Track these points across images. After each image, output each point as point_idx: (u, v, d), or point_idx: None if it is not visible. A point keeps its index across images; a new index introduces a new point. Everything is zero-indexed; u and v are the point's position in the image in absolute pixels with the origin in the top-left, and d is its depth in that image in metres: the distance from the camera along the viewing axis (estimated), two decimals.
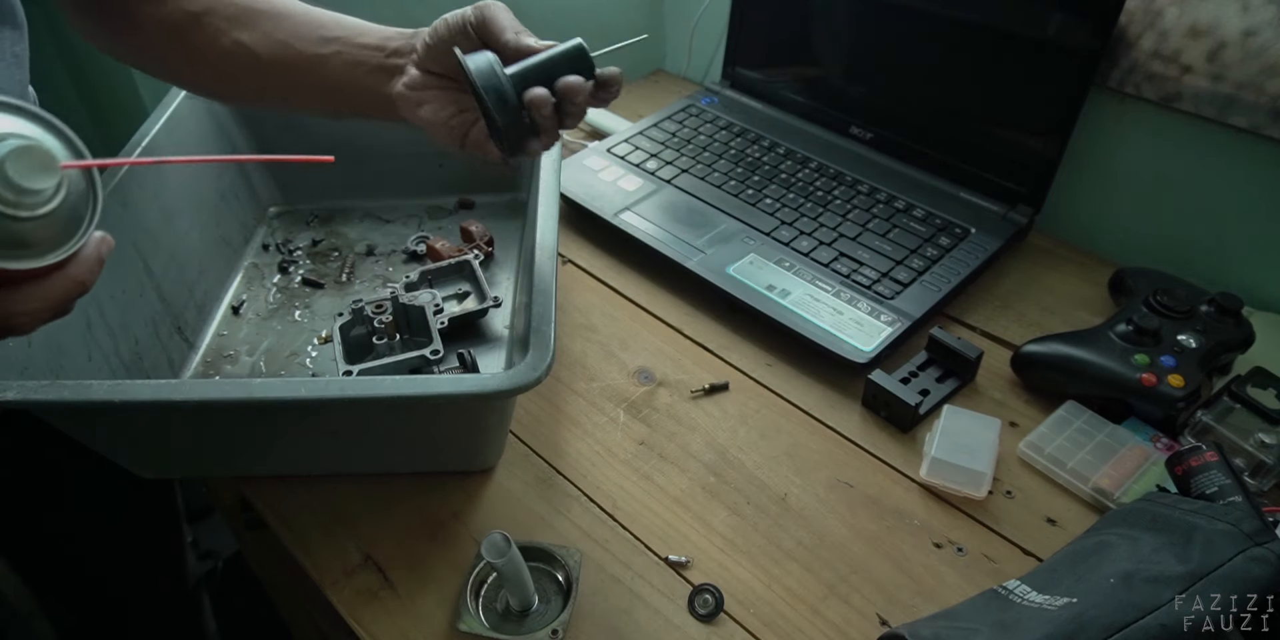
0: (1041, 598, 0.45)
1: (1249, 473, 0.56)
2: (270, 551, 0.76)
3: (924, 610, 0.52)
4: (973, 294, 0.74)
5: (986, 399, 0.65)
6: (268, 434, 0.57)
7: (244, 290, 0.77)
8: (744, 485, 0.60)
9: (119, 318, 0.61)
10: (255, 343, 0.71)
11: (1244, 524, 0.44)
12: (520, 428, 0.64)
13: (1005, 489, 0.59)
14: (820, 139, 0.87)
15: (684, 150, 0.87)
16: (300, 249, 0.81)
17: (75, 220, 0.35)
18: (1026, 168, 0.75)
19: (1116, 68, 0.70)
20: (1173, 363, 0.60)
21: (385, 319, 0.63)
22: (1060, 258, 0.78)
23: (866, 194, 0.80)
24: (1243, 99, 0.64)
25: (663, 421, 0.64)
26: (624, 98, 1.04)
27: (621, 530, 0.57)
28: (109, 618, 0.84)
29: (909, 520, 0.57)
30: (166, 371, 0.66)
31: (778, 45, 0.91)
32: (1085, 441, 0.59)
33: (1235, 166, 0.68)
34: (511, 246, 0.80)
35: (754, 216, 0.78)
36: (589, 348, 0.71)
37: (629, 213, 0.80)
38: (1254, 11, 0.61)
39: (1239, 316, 0.63)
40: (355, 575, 0.55)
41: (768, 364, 0.69)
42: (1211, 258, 0.73)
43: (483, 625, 0.51)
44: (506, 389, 0.47)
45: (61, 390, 0.47)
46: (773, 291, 0.70)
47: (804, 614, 0.52)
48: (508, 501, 0.59)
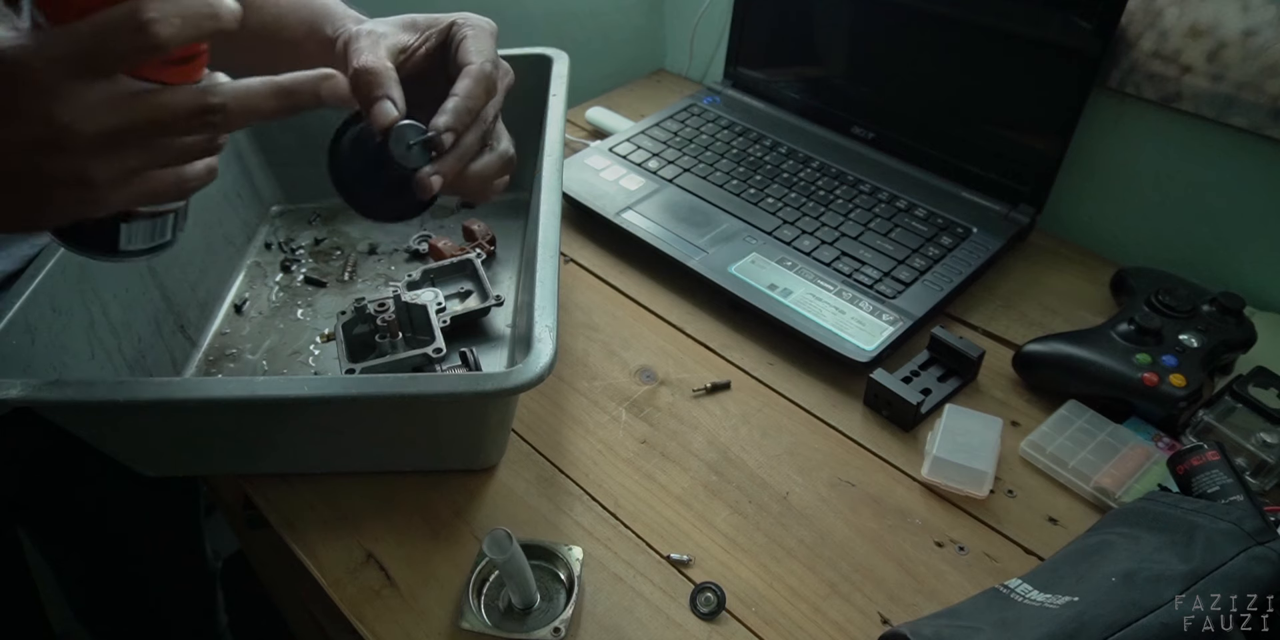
0: (1043, 596, 0.45)
1: (1250, 472, 0.56)
2: (272, 550, 0.76)
3: (925, 609, 0.52)
4: (974, 293, 0.74)
5: (988, 398, 0.65)
6: (270, 432, 0.57)
7: (246, 289, 0.77)
8: (746, 484, 0.60)
9: (122, 316, 0.61)
10: (258, 341, 0.71)
11: (1245, 523, 0.44)
12: (522, 426, 0.64)
13: (1007, 488, 0.59)
14: (822, 138, 0.88)
15: (686, 150, 0.87)
16: (303, 248, 0.81)
17: None
18: (1028, 167, 0.75)
19: (1117, 68, 0.70)
20: (1174, 362, 0.60)
21: (388, 317, 0.63)
22: (1062, 257, 0.78)
23: (868, 193, 0.80)
24: (1243, 99, 0.64)
25: (665, 420, 0.64)
26: (626, 97, 1.05)
27: (623, 529, 0.57)
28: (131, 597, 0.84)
29: (911, 519, 0.57)
30: (169, 370, 0.66)
31: (780, 45, 0.91)
32: (1087, 441, 0.59)
33: (1235, 166, 0.68)
34: (514, 245, 0.80)
35: (756, 216, 0.78)
36: (591, 347, 0.71)
37: (631, 212, 0.80)
38: (1254, 11, 0.61)
39: (1241, 316, 0.63)
40: (357, 573, 0.55)
41: (769, 363, 0.69)
42: (1213, 257, 0.73)
43: (485, 623, 0.51)
44: (508, 387, 0.47)
45: (64, 388, 0.47)
46: (775, 290, 0.70)
47: (806, 613, 0.52)
48: (510, 500, 0.59)
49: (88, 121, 0.32)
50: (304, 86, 0.38)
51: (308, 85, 0.38)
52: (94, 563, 0.80)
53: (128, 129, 0.33)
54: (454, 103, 0.44)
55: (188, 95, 0.35)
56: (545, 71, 0.71)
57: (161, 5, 0.32)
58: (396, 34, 0.47)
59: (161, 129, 0.35)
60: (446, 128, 0.43)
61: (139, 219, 0.41)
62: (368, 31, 0.46)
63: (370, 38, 0.45)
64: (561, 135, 0.65)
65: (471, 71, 0.45)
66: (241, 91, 0.36)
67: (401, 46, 0.46)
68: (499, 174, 0.48)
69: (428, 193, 0.43)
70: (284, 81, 0.37)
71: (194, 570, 0.89)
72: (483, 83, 0.45)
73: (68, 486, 0.72)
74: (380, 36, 0.46)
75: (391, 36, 0.46)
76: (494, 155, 0.47)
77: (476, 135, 0.45)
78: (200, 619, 0.92)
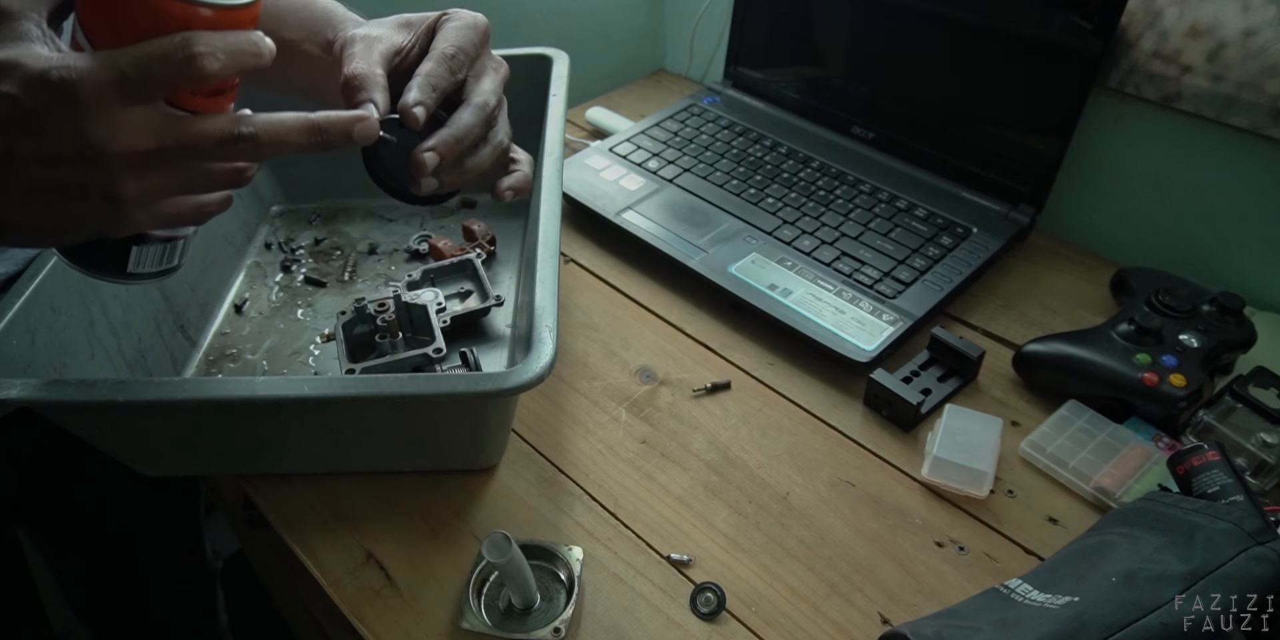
0: (1043, 596, 0.45)
1: (1251, 472, 0.56)
2: (272, 550, 0.76)
3: (925, 609, 0.52)
4: (974, 293, 0.74)
5: (988, 398, 0.65)
6: (270, 432, 0.57)
7: (246, 289, 0.77)
8: (746, 484, 0.60)
9: (121, 316, 0.61)
10: (258, 341, 0.71)
11: (1246, 523, 0.44)
12: (522, 426, 0.64)
13: (1007, 488, 0.59)
14: (822, 138, 0.88)
15: (686, 150, 0.87)
16: (303, 248, 0.81)
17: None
18: (1028, 167, 0.75)
19: (1117, 68, 0.70)
20: (1174, 362, 0.60)
21: (388, 317, 0.63)
22: (1062, 257, 0.78)
23: (868, 193, 0.80)
24: (1243, 99, 0.64)
25: (665, 420, 0.64)
26: (626, 97, 1.05)
27: (624, 529, 0.57)
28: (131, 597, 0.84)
29: (911, 519, 0.57)
30: (169, 370, 0.66)
31: (780, 45, 0.91)
32: (1087, 441, 0.59)
33: (1235, 166, 0.68)
34: (514, 245, 0.80)
35: (756, 216, 0.78)
36: (591, 347, 0.71)
37: (631, 212, 0.80)
38: (1254, 11, 0.61)
39: (1241, 316, 0.63)
40: (357, 573, 0.55)
41: (769, 363, 0.69)
42: (1213, 257, 0.73)
43: (485, 623, 0.51)
44: (509, 387, 0.47)
45: (64, 388, 0.47)
46: (775, 290, 0.70)
47: (806, 613, 0.52)
48: (510, 500, 0.59)
49: (122, 142, 0.34)
50: (336, 126, 0.39)
51: (340, 125, 0.39)
52: (94, 563, 0.80)
53: (160, 152, 0.35)
54: (416, 80, 0.44)
55: (220, 123, 0.36)
56: (545, 71, 0.71)
57: (209, 39, 0.34)
58: (390, 36, 0.47)
59: (193, 154, 0.36)
60: (416, 102, 0.43)
61: (151, 243, 0.43)
62: (361, 36, 0.46)
63: (364, 43, 0.46)
64: (561, 135, 0.65)
65: (434, 55, 0.45)
66: (274, 124, 0.37)
67: (395, 49, 0.47)
68: (495, 164, 0.48)
69: (422, 171, 0.43)
70: (317, 119, 0.38)
71: (194, 570, 0.89)
72: (445, 63, 0.45)
73: (68, 486, 0.72)
74: (374, 41, 0.46)
75: (385, 40, 0.46)
76: (490, 147, 0.47)
77: (477, 119, 0.45)
78: (200, 619, 0.92)
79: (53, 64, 0.33)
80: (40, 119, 0.33)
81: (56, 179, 0.34)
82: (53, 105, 0.33)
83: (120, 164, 0.34)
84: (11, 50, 0.34)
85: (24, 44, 0.34)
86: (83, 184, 0.35)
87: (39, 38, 0.35)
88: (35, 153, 0.34)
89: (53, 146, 0.34)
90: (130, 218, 0.37)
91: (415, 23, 0.48)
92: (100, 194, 0.35)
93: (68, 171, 0.34)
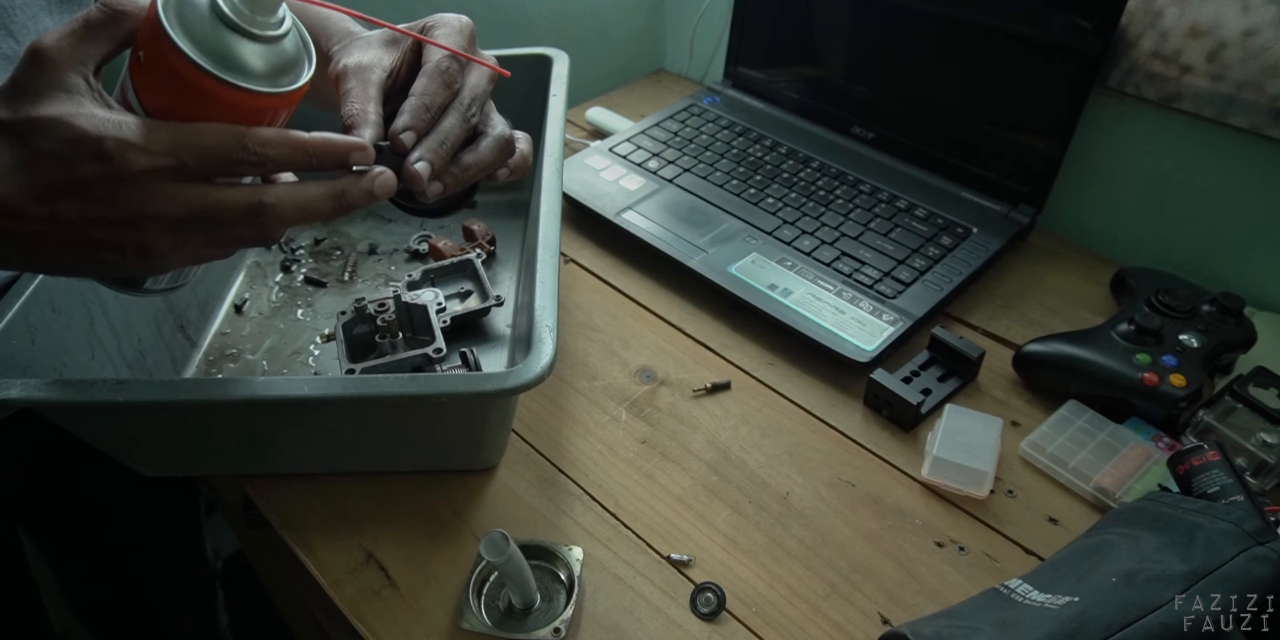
0: (1043, 597, 0.45)
1: (1251, 472, 0.56)
2: (272, 550, 0.76)
3: (925, 609, 0.52)
4: (974, 293, 0.74)
5: (988, 398, 0.65)
6: (270, 432, 0.57)
7: (246, 289, 0.77)
8: (746, 484, 0.60)
9: (121, 316, 0.61)
10: (258, 341, 0.71)
11: (1246, 523, 0.44)
12: (522, 426, 0.64)
13: (1007, 488, 0.59)
14: (822, 139, 0.88)
15: (686, 150, 0.87)
16: (302, 248, 0.81)
17: (298, 61, 0.39)
18: (1028, 167, 0.75)
19: (1117, 68, 0.70)
20: (1174, 362, 0.60)
21: (388, 318, 0.63)
22: (1062, 257, 0.78)
23: (868, 194, 0.80)
24: (1243, 99, 0.64)
25: (665, 420, 0.64)
26: (626, 97, 1.05)
27: (624, 529, 0.57)
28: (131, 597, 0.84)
29: (911, 519, 0.57)
30: (169, 370, 0.66)
31: (780, 45, 0.91)
32: (1087, 441, 0.59)
33: (1235, 166, 0.68)
34: (514, 245, 0.80)
35: (756, 216, 0.78)
36: (591, 347, 0.71)
37: (631, 212, 0.80)
38: (1254, 11, 0.61)
39: (1241, 316, 0.63)
40: (357, 573, 0.55)
41: (769, 363, 0.69)
42: (1213, 257, 0.73)
43: (485, 623, 0.51)
44: (509, 388, 0.47)
45: (64, 388, 0.47)
46: (775, 291, 0.70)
47: (806, 613, 0.52)
48: (510, 500, 0.59)
49: (158, 208, 0.36)
50: (355, 187, 0.40)
51: (361, 187, 0.41)
52: (94, 563, 0.80)
53: (188, 218, 0.37)
54: (409, 103, 0.44)
55: (243, 195, 0.38)
56: (545, 71, 0.71)
57: (267, 138, 0.37)
58: (381, 59, 0.47)
59: (218, 222, 0.38)
60: (404, 128, 0.43)
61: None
62: (354, 68, 0.46)
63: (359, 77, 0.46)
64: (561, 135, 0.65)
65: (427, 70, 0.45)
66: (298, 195, 0.39)
67: (388, 70, 0.47)
68: (499, 155, 0.48)
69: (418, 182, 0.43)
70: (337, 186, 0.40)
71: (194, 570, 0.89)
72: (438, 78, 0.45)
73: (69, 487, 0.72)
74: (367, 72, 0.46)
75: (377, 68, 0.46)
76: (490, 139, 0.47)
77: (455, 119, 0.45)
78: (200, 619, 0.92)
79: (107, 132, 0.34)
80: (89, 188, 0.35)
81: (95, 236, 0.36)
82: (104, 177, 0.35)
83: (157, 227, 0.37)
84: (61, 106, 0.35)
85: (74, 99, 0.35)
86: (118, 241, 0.37)
87: (86, 91, 0.36)
88: (78, 215, 0.35)
89: (95, 211, 0.35)
90: (160, 264, 0.39)
91: (401, 39, 0.48)
92: (136, 250, 0.37)
93: (107, 231, 0.36)
